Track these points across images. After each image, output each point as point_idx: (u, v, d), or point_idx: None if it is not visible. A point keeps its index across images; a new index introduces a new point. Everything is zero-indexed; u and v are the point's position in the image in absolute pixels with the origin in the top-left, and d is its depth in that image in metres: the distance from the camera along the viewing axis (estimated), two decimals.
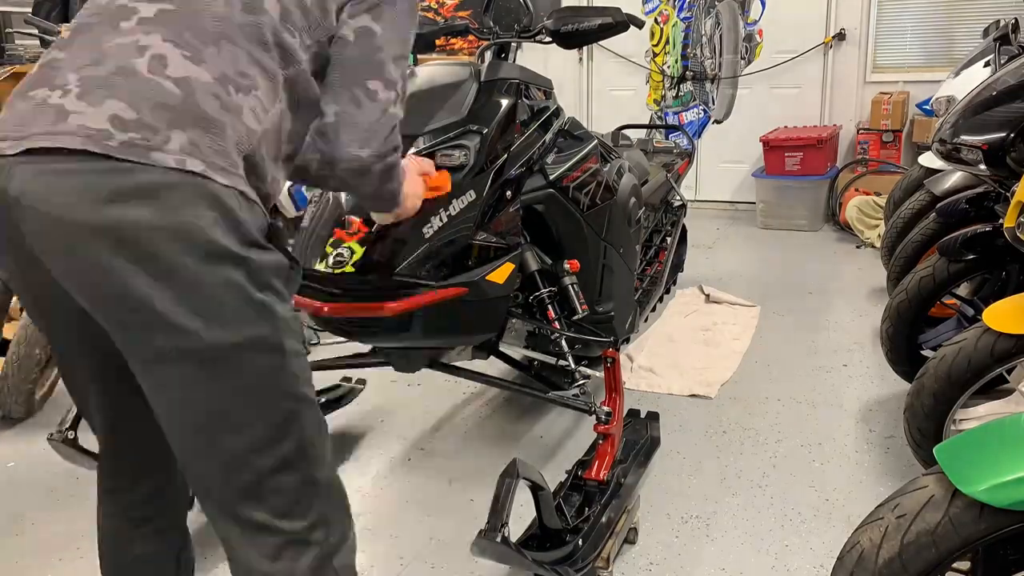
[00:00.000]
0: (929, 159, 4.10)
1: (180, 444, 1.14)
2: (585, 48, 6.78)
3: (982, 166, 2.56)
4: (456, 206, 2.03)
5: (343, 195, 2.06)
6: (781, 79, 6.28)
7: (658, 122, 6.65)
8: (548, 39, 2.31)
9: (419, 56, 4.30)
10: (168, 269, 1.02)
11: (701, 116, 6.64)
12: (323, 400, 2.88)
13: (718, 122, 6.59)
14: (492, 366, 2.79)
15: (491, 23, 2.40)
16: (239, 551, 1.19)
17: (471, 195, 2.05)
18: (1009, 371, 2.21)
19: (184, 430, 1.12)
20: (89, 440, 1.69)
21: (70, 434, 2.12)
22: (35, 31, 3.33)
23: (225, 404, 1.10)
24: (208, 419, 1.10)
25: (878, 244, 4.82)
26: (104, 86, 1.03)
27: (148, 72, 1.05)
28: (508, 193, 2.15)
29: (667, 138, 6.49)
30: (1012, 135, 2.48)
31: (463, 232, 2.04)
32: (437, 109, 2.14)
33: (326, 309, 2.03)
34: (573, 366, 2.33)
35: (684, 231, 4.19)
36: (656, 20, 6.58)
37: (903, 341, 2.85)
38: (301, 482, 1.18)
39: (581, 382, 2.33)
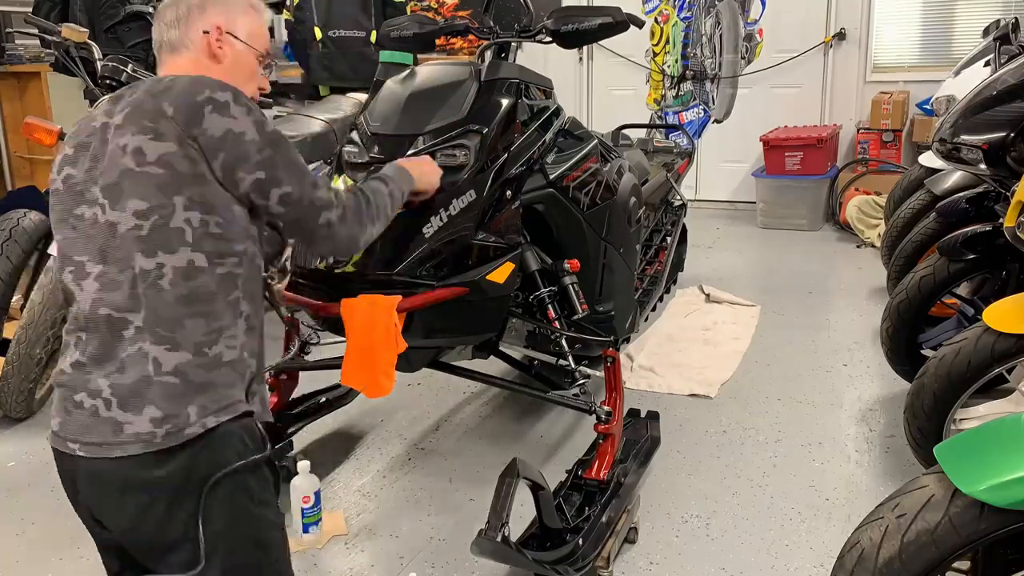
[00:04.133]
0: (929, 159, 4.10)
1: None
2: (585, 48, 6.78)
3: (982, 166, 2.56)
4: (456, 206, 2.03)
5: None
6: (781, 79, 6.27)
7: (658, 122, 6.64)
8: (548, 39, 2.31)
9: (419, 56, 4.30)
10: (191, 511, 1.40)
11: (701, 116, 6.64)
12: (323, 400, 2.88)
13: (718, 122, 6.59)
14: (492, 366, 2.79)
15: (491, 23, 2.39)
16: None
17: (471, 195, 2.05)
18: (1009, 371, 2.21)
19: None
20: None
21: None
22: (35, 31, 3.33)
23: None
24: None
25: (878, 244, 4.82)
26: (137, 394, 1.38)
27: (156, 375, 1.38)
28: (508, 193, 2.15)
29: (667, 138, 6.48)
30: (1012, 135, 2.48)
31: (463, 232, 2.04)
32: (437, 109, 2.13)
33: (326, 309, 2.03)
34: (573, 366, 2.33)
35: (684, 231, 4.19)
36: (656, 20, 6.58)
37: (903, 341, 2.85)
38: None
39: (581, 382, 2.33)
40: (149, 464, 1.37)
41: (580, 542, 2.02)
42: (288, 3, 5.30)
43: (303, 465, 2.34)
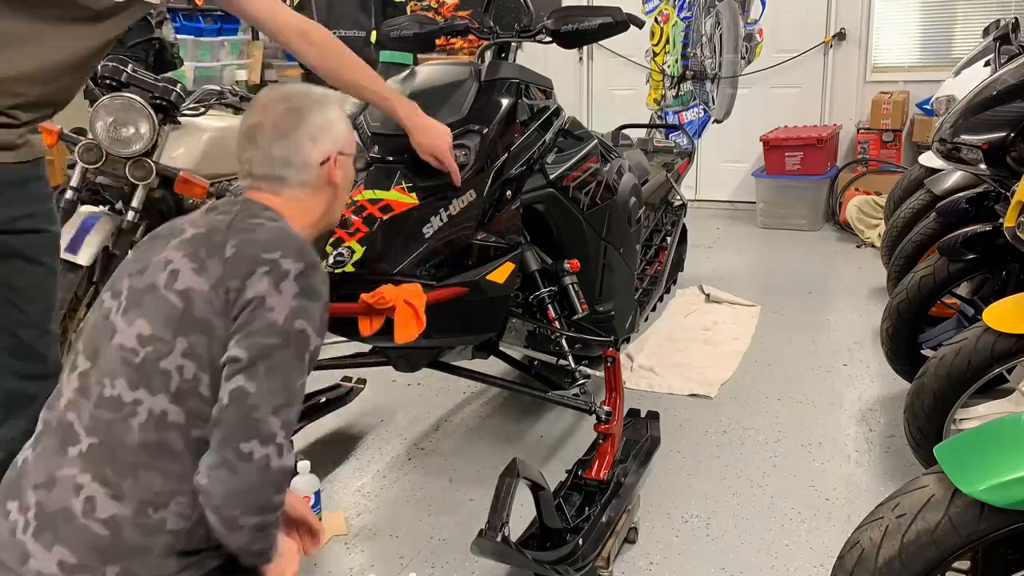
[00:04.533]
0: (929, 158, 4.10)
1: None
2: (585, 48, 6.78)
3: (982, 165, 2.55)
4: (456, 206, 2.03)
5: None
6: (781, 79, 6.27)
7: (658, 122, 6.64)
8: (548, 39, 2.31)
9: (419, 56, 4.30)
10: None
11: (701, 116, 6.64)
12: (323, 400, 2.88)
13: (718, 121, 6.59)
14: (492, 366, 2.79)
15: (491, 23, 2.39)
16: None
17: (471, 195, 2.05)
18: (1009, 371, 2.21)
19: None
20: None
21: None
22: None
23: None
24: None
25: (878, 244, 4.82)
26: (51, 528, 1.25)
27: (82, 516, 1.25)
28: (508, 193, 2.15)
29: (667, 137, 6.48)
30: (1012, 135, 2.47)
31: (463, 232, 2.04)
32: (437, 109, 2.13)
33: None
34: (573, 366, 2.33)
35: (684, 231, 4.19)
36: (656, 19, 6.58)
37: (903, 341, 2.85)
38: None
39: (581, 382, 2.33)
40: None
41: (580, 542, 2.02)
42: (288, 3, 5.30)
43: (303, 465, 2.34)
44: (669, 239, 3.84)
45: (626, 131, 3.83)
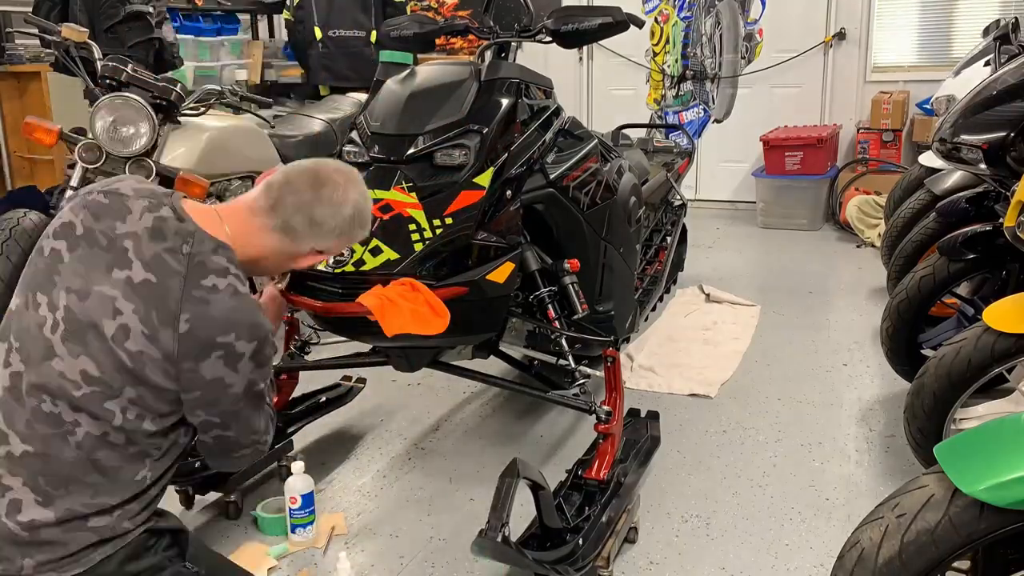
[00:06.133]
0: (929, 158, 4.10)
1: None
2: (585, 48, 6.78)
3: (982, 165, 2.55)
4: (456, 205, 2.03)
5: None
6: (781, 78, 6.27)
7: (658, 121, 6.64)
8: (548, 39, 2.31)
9: (419, 56, 4.30)
10: None
11: (701, 115, 6.64)
12: (323, 399, 2.88)
13: (718, 121, 6.59)
14: (492, 366, 2.79)
15: (491, 22, 2.39)
16: None
17: (471, 195, 2.05)
18: (1009, 370, 2.21)
19: None
20: None
21: None
22: (35, 31, 3.33)
23: None
24: None
25: (878, 243, 4.82)
26: None
27: (4, 517, 1.31)
28: (508, 192, 2.15)
29: (667, 137, 6.48)
30: (1012, 134, 2.47)
31: (463, 231, 2.04)
32: (437, 108, 2.13)
33: (326, 309, 2.03)
34: (573, 365, 2.33)
35: (684, 230, 4.19)
36: (656, 19, 6.58)
37: (903, 340, 2.85)
38: None
39: (581, 381, 2.33)
40: None
41: (580, 542, 2.02)
42: (288, 3, 5.31)
43: (297, 466, 2.34)
44: (669, 239, 3.83)
45: (626, 131, 3.83)
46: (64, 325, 1.35)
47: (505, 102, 2.17)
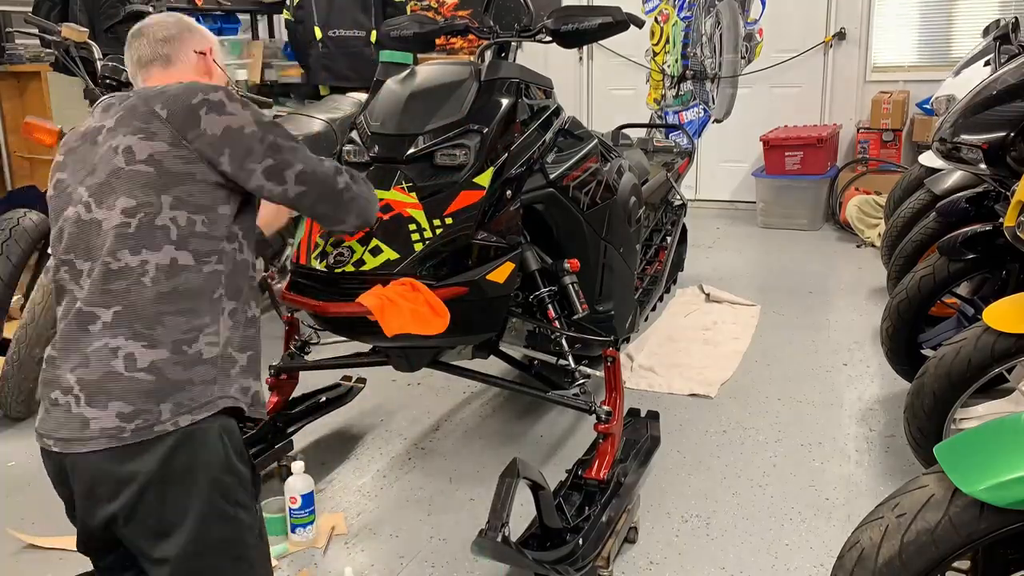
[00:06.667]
0: (929, 158, 4.10)
1: None
2: (585, 48, 6.78)
3: (982, 165, 2.55)
4: (456, 205, 2.03)
5: None
6: (781, 78, 6.27)
7: (658, 121, 6.64)
8: (548, 39, 2.31)
9: (419, 56, 4.30)
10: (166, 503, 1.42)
11: (701, 115, 6.64)
12: (323, 399, 2.88)
13: (718, 121, 6.59)
14: (492, 366, 2.79)
15: (491, 22, 2.39)
16: None
17: (471, 194, 2.05)
18: (1009, 370, 2.21)
19: None
20: None
21: None
22: (35, 31, 3.33)
23: None
24: None
25: (878, 243, 4.82)
26: (102, 391, 1.40)
27: (126, 371, 1.41)
28: (508, 192, 2.15)
29: (667, 137, 6.48)
30: (1012, 134, 2.47)
31: (463, 231, 2.04)
32: (437, 108, 2.13)
33: (326, 309, 2.03)
34: (573, 365, 2.33)
35: (684, 230, 4.19)
36: (656, 19, 6.58)
37: (903, 340, 2.85)
38: None
39: (581, 381, 2.33)
40: (119, 459, 1.40)
41: (580, 542, 2.02)
42: (288, 3, 5.30)
43: (297, 466, 2.34)
44: (669, 239, 3.83)
45: (626, 131, 3.83)
46: (92, 198, 1.48)
47: (505, 102, 2.17)
